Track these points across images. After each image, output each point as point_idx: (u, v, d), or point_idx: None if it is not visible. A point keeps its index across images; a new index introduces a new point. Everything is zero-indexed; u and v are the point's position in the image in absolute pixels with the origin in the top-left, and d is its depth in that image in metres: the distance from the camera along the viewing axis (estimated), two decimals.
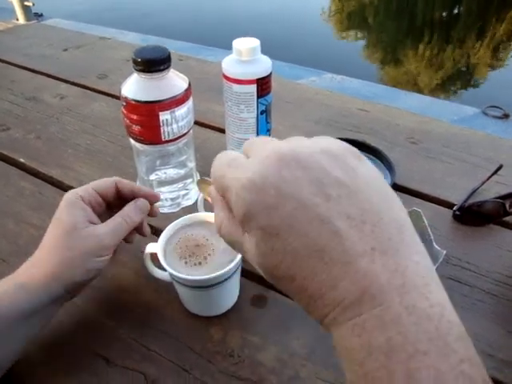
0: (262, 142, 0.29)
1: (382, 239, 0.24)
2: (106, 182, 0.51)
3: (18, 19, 2.11)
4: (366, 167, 0.27)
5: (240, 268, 0.50)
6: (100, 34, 1.35)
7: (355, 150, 0.28)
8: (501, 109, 2.33)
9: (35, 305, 0.43)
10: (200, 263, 0.48)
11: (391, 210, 0.26)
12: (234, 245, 0.29)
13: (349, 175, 0.26)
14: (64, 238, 0.45)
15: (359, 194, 0.25)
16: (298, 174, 0.25)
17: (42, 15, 3.52)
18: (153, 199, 0.52)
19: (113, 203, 0.51)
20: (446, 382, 0.21)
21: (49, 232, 0.47)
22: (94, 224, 0.47)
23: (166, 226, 0.51)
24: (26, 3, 2.18)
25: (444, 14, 5.04)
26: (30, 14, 2.97)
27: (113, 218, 0.48)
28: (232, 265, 0.46)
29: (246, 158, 0.29)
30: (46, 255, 0.45)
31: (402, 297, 0.23)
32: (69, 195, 0.49)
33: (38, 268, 0.44)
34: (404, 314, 0.22)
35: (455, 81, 3.56)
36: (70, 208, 0.47)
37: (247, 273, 0.55)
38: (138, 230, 0.52)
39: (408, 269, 0.23)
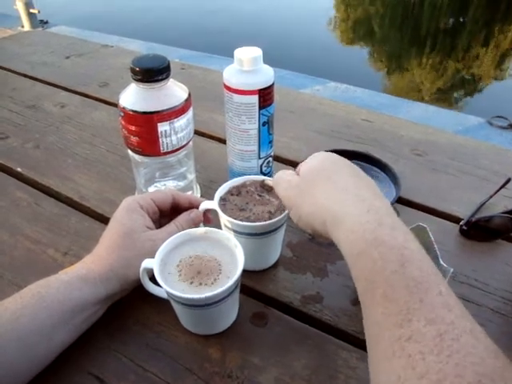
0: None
1: (355, 201, 0.40)
2: (164, 195, 0.55)
3: (23, 26, 2.11)
4: (351, 171, 0.45)
5: (239, 285, 0.48)
6: (104, 41, 1.35)
7: (346, 162, 0.46)
8: (506, 119, 2.32)
9: (94, 295, 0.47)
10: (212, 282, 0.46)
11: (360, 189, 0.41)
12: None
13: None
14: (123, 240, 0.50)
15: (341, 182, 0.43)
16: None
17: (47, 22, 3.55)
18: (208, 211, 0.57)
19: (166, 212, 0.55)
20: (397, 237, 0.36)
21: (108, 232, 0.51)
22: (150, 229, 0.52)
23: None
24: (31, 10, 2.19)
25: (449, 23, 5.04)
26: (36, 21, 3.00)
27: (168, 225, 0.53)
28: (231, 282, 0.44)
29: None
30: (105, 253, 0.49)
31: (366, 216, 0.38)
32: (129, 202, 0.53)
33: (97, 264, 0.48)
34: (368, 220, 0.38)
35: (460, 90, 3.55)
36: (131, 213, 0.52)
37: (246, 289, 0.54)
38: None
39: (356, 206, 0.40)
